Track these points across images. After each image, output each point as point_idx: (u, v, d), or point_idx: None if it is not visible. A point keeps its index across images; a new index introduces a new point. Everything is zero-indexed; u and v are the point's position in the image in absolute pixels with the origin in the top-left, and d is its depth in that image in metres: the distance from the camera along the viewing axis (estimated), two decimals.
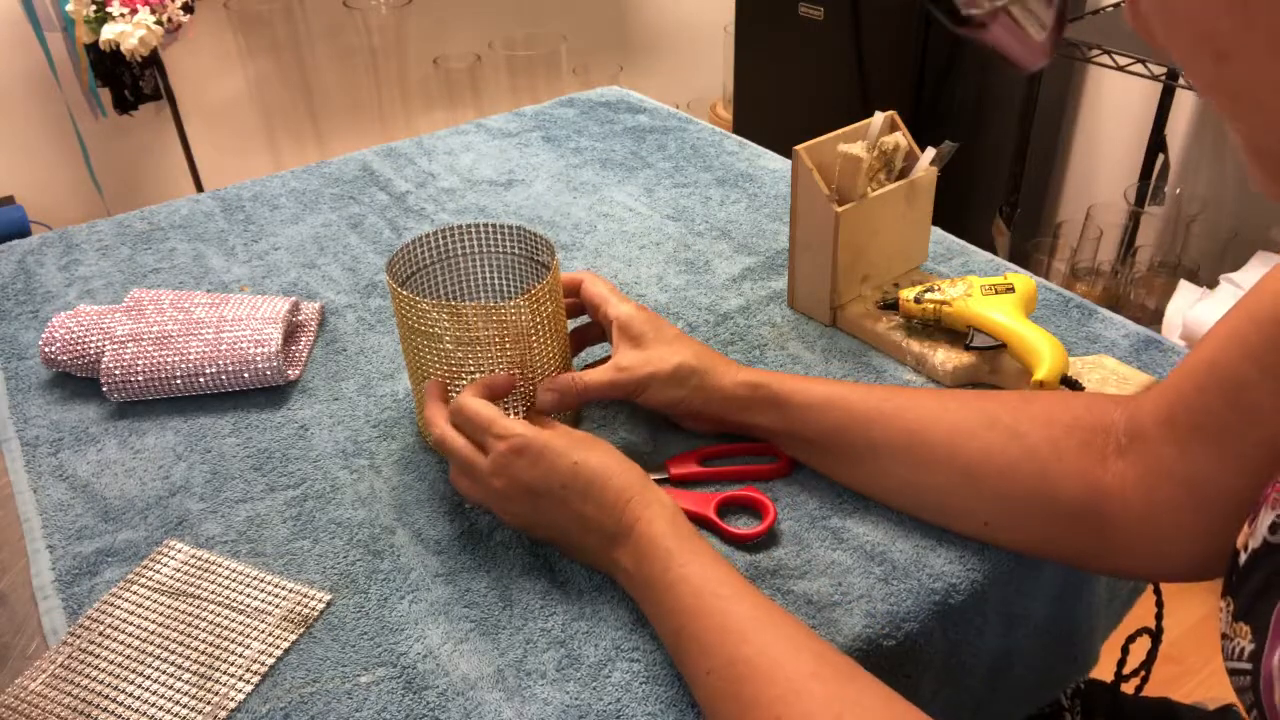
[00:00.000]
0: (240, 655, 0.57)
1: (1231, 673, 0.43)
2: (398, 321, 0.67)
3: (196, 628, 0.59)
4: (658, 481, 0.67)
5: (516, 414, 0.67)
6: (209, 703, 0.54)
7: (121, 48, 1.71)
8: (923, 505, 0.63)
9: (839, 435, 0.63)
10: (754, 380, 0.66)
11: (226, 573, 0.62)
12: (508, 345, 0.65)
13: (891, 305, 0.81)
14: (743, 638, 0.50)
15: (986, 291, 0.77)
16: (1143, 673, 0.74)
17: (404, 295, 0.64)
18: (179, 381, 0.76)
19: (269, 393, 0.78)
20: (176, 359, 0.76)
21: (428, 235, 0.71)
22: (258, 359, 0.77)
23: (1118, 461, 0.55)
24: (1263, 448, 0.48)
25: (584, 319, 0.75)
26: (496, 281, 0.74)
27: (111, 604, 0.60)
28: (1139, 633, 0.74)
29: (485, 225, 0.72)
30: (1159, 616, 0.73)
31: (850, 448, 0.64)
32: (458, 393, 0.66)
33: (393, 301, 0.66)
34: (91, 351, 0.78)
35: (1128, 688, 0.73)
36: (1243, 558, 0.43)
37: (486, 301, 0.75)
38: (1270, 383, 0.47)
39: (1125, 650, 0.73)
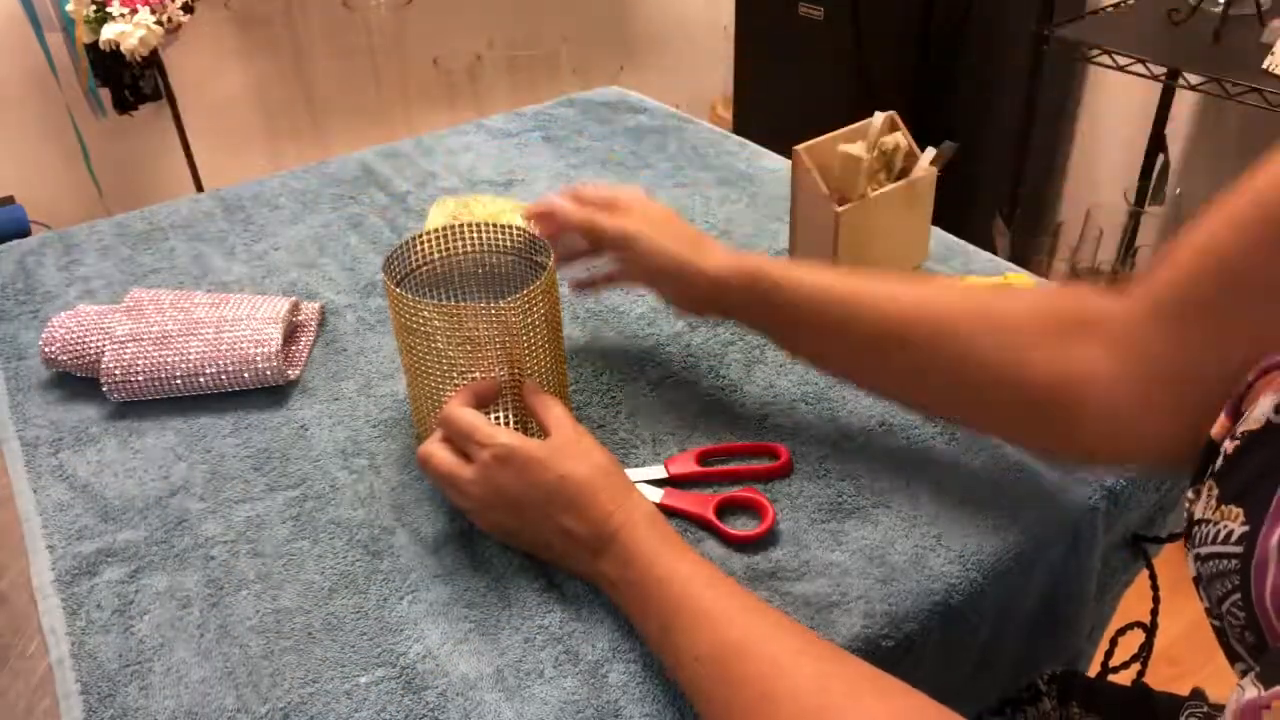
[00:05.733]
0: None
1: (1206, 558, 0.43)
2: (393, 320, 0.68)
3: None
4: (657, 482, 0.67)
5: (508, 413, 0.67)
6: None
7: (121, 48, 1.71)
8: (905, 396, 0.65)
9: (827, 323, 0.64)
10: (748, 262, 0.67)
11: None
12: (500, 345, 0.65)
13: None
14: (730, 623, 0.51)
15: None
16: (1136, 666, 0.74)
17: (399, 294, 0.64)
18: (179, 381, 0.76)
19: (269, 393, 0.78)
20: (176, 359, 0.76)
21: (426, 234, 0.71)
22: (258, 359, 0.77)
23: (1098, 347, 0.55)
24: (1248, 330, 0.48)
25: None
26: (494, 282, 0.74)
27: None
28: (1129, 626, 0.74)
29: (483, 225, 0.72)
30: (1154, 612, 0.73)
31: (836, 336, 0.64)
32: (450, 393, 0.66)
33: (388, 300, 0.66)
34: (91, 351, 0.78)
35: (1122, 680, 0.73)
36: (1227, 445, 0.43)
37: (483, 301, 0.75)
38: (1265, 264, 0.47)
39: (1113, 643, 0.73)
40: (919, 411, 0.66)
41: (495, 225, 0.72)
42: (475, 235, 0.72)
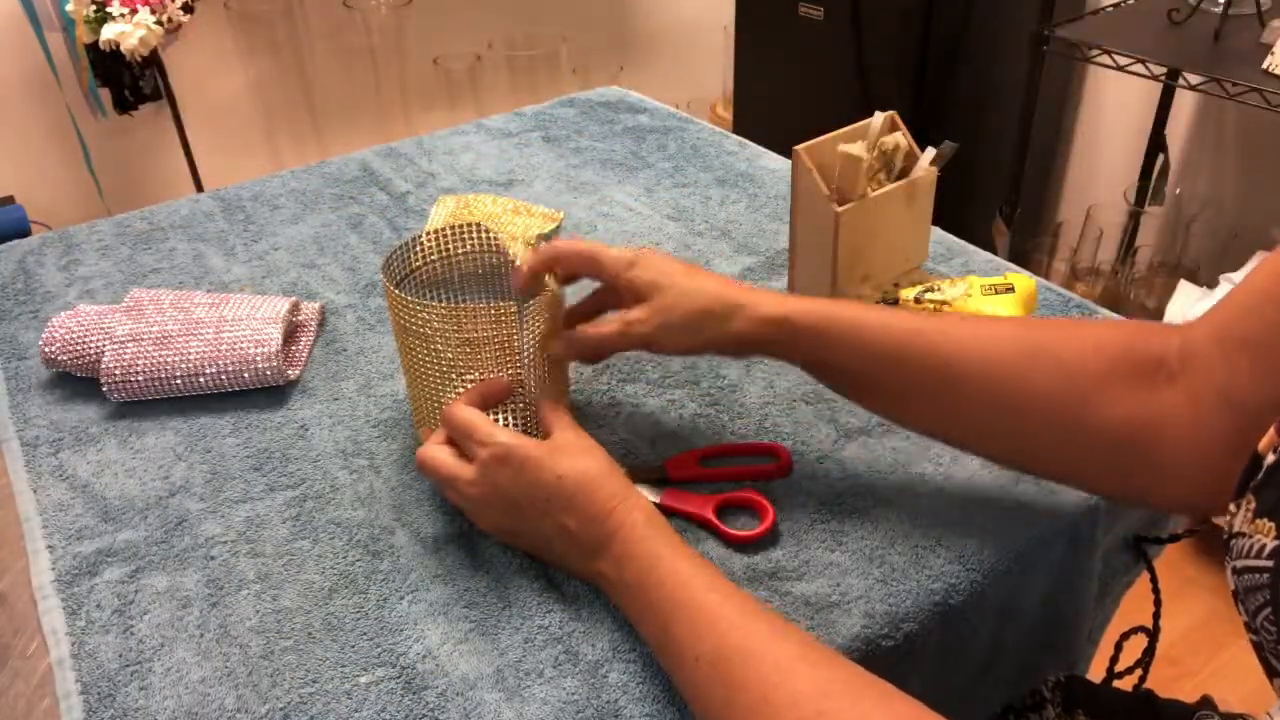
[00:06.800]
0: None
1: (1240, 571, 0.42)
2: (392, 321, 0.67)
3: None
4: (657, 482, 0.67)
5: (512, 416, 0.67)
6: None
7: (121, 48, 1.71)
8: (960, 438, 0.62)
9: (870, 369, 0.61)
10: (776, 316, 0.61)
11: None
12: (499, 346, 0.64)
13: (891, 305, 0.81)
14: (731, 625, 0.50)
15: (986, 291, 0.77)
16: (1139, 671, 0.74)
17: (397, 295, 0.64)
18: (179, 381, 0.76)
19: (269, 393, 0.78)
20: (176, 359, 0.76)
21: (426, 234, 0.71)
22: (258, 359, 0.77)
23: (1169, 389, 0.54)
24: None
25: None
26: (494, 281, 0.74)
27: None
28: (1133, 630, 0.74)
29: (483, 225, 0.72)
30: (1156, 615, 0.73)
31: (882, 382, 0.61)
32: (450, 395, 0.66)
33: (387, 301, 0.66)
34: (91, 351, 0.78)
35: (1125, 685, 0.73)
36: (1269, 458, 0.43)
37: (483, 302, 0.75)
38: None
39: (1118, 647, 0.73)
40: (982, 456, 0.63)
41: (495, 225, 0.72)
42: (475, 235, 0.72)
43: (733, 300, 0.62)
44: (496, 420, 0.67)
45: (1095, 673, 0.77)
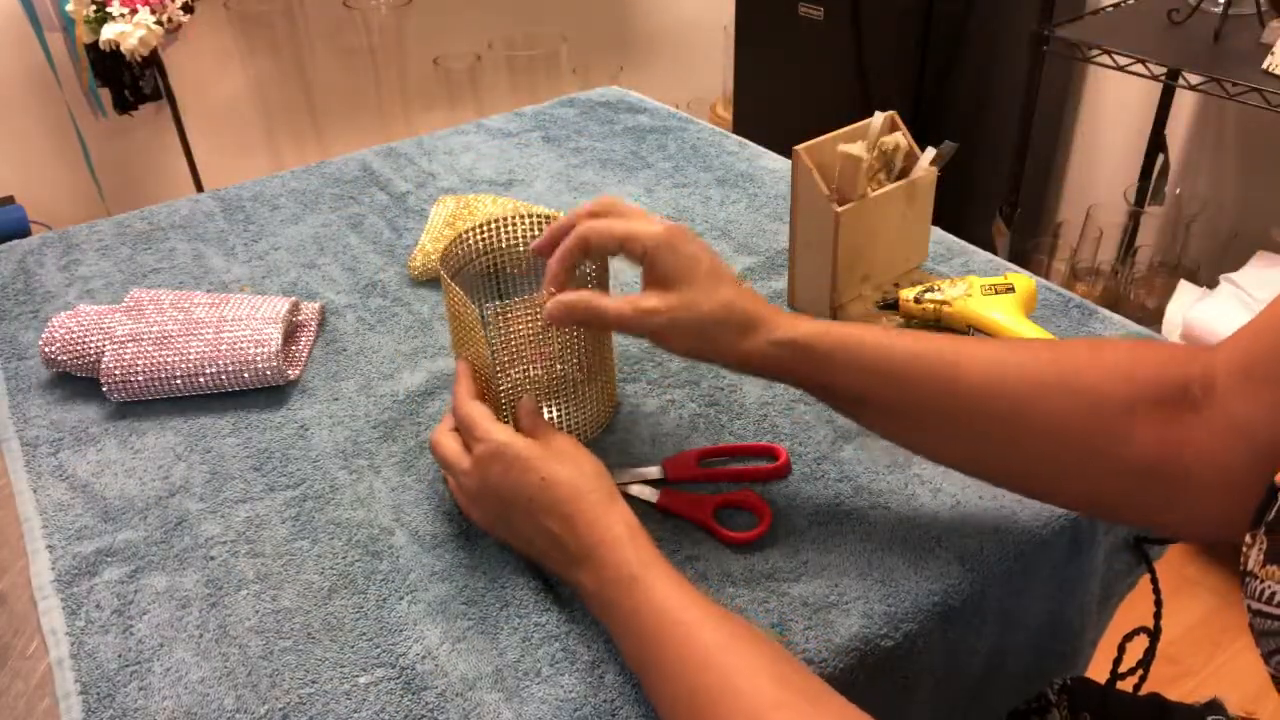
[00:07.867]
0: None
1: (1256, 613, 0.42)
2: (447, 311, 0.69)
3: None
4: (655, 483, 0.67)
5: (556, 410, 0.68)
6: None
7: (121, 48, 1.71)
8: (979, 467, 0.60)
9: (892, 402, 0.59)
10: (787, 340, 0.59)
11: None
12: (541, 338, 0.65)
13: (891, 305, 0.81)
14: (704, 665, 0.49)
15: (986, 291, 0.77)
16: (1140, 671, 0.74)
17: (453, 288, 0.65)
18: (179, 381, 0.76)
19: (269, 393, 0.78)
20: (176, 359, 0.76)
21: (483, 225, 0.71)
22: (258, 359, 0.77)
23: (1193, 417, 0.52)
24: None
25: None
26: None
27: None
28: (1135, 632, 0.74)
29: (536, 214, 0.72)
30: (1157, 616, 0.73)
31: (904, 416, 0.60)
32: (498, 387, 0.67)
33: (444, 293, 0.67)
34: (91, 351, 0.78)
35: (1125, 686, 0.73)
36: None
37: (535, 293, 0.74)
38: None
39: (1121, 649, 0.73)
40: (1001, 485, 0.61)
41: (545, 215, 0.71)
42: (532, 224, 0.72)
43: (751, 314, 0.60)
44: (547, 413, 0.68)
45: (1095, 673, 0.77)
